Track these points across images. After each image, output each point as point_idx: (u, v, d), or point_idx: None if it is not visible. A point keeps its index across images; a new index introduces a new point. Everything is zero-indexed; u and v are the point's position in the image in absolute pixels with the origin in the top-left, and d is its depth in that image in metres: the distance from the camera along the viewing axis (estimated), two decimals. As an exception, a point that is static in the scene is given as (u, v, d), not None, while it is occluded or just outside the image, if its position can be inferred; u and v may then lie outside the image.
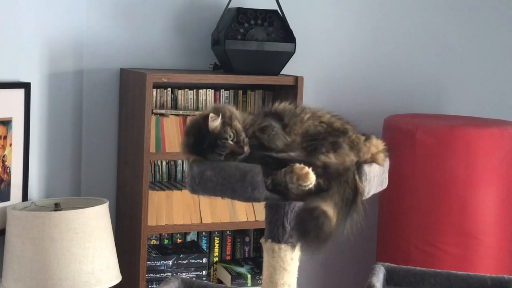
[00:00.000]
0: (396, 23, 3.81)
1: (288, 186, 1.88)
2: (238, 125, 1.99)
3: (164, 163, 3.34)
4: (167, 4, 3.38)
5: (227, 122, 1.98)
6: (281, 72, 3.29)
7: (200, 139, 1.98)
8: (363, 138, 2.04)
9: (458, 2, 3.92)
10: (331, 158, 1.92)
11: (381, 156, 2.04)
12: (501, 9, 4.01)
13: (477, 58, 3.99)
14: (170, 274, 3.19)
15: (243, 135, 1.98)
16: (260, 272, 3.26)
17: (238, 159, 1.96)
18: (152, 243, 3.30)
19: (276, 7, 3.27)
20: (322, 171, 1.90)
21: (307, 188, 1.86)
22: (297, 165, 1.87)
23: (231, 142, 1.96)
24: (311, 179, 1.86)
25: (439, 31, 3.90)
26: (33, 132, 2.98)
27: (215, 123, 1.97)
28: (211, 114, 1.97)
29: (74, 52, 3.22)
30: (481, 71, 4.01)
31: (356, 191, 1.91)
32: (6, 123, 2.84)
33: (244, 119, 2.05)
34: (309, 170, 1.86)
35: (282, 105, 2.12)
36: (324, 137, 1.99)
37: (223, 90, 3.37)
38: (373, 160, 2.01)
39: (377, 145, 2.06)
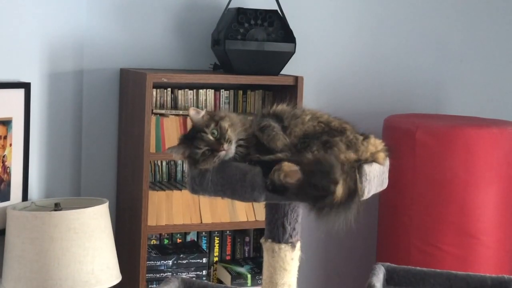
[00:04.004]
0: (396, 23, 3.81)
1: (276, 183, 1.88)
2: (226, 126, 1.97)
3: (164, 163, 3.34)
4: (167, 4, 3.38)
5: (214, 119, 1.98)
6: (281, 72, 3.29)
7: (187, 137, 1.99)
8: (361, 137, 2.04)
9: (458, 2, 3.92)
10: None
11: (381, 155, 2.04)
12: (501, 9, 4.02)
13: (477, 58, 3.99)
14: (170, 274, 3.19)
15: (229, 135, 1.96)
16: (260, 272, 3.26)
17: (219, 158, 1.93)
18: (152, 243, 3.30)
19: (276, 7, 3.27)
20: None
21: (288, 184, 1.86)
22: (286, 162, 1.87)
23: (210, 137, 1.93)
24: (297, 176, 1.85)
25: (439, 31, 3.90)
26: (33, 132, 2.98)
27: (197, 115, 1.97)
28: (191, 108, 1.97)
29: (74, 52, 3.22)
30: (481, 71, 4.01)
31: (356, 186, 1.91)
32: (6, 123, 2.84)
33: (246, 128, 2.04)
34: (297, 168, 1.86)
35: (280, 107, 2.12)
36: (319, 136, 1.98)
37: (223, 90, 3.37)
38: (373, 159, 2.01)
39: (375, 144, 2.05)
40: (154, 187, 3.20)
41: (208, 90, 3.33)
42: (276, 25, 3.23)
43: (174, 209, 3.14)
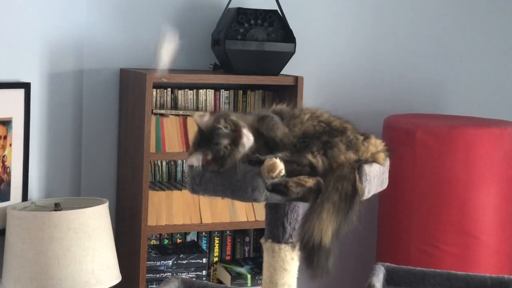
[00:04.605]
0: (396, 23, 3.81)
1: (266, 181, 1.88)
2: (235, 118, 1.97)
3: (164, 163, 3.34)
4: (167, 4, 3.38)
5: (221, 116, 1.96)
6: (281, 72, 3.29)
7: (201, 142, 1.97)
8: (361, 137, 2.04)
9: (458, 2, 3.92)
10: (318, 160, 1.92)
11: (381, 155, 2.04)
12: (501, 9, 4.02)
13: (477, 58, 3.99)
14: (170, 274, 3.19)
15: (242, 124, 1.96)
16: (260, 272, 3.26)
17: (244, 147, 1.93)
18: (152, 243, 3.30)
19: (276, 7, 3.27)
20: (310, 170, 1.90)
21: (277, 179, 1.86)
22: (267, 159, 1.88)
23: (225, 131, 1.92)
24: (278, 168, 1.86)
25: (439, 31, 3.90)
26: (33, 132, 2.98)
27: (204, 118, 1.95)
28: (195, 114, 1.96)
29: (74, 52, 3.22)
30: (481, 71, 4.01)
31: (354, 189, 1.91)
32: (6, 123, 2.84)
33: (248, 124, 2.04)
34: (276, 160, 1.86)
35: (279, 107, 2.12)
36: (319, 136, 1.98)
37: (223, 90, 3.37)
38: (373, 160, 2.01)
39: (376, 144, 2.05)
40: (154, 187, 3.20)
41: (208, 90, 3.33)
42: (276, 25, 3.23)
43: (174, 209, 3.14)
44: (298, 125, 2.03)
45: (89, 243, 2.72)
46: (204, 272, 3.28)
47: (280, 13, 3.26)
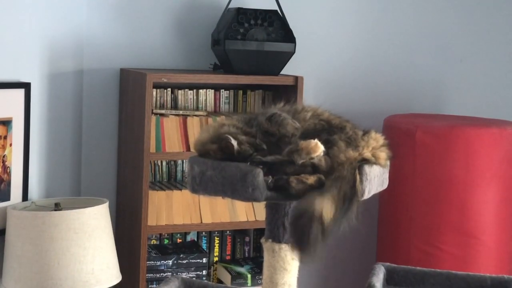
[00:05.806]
0: (396, 23, 3.81)
1: (297, 162, 1.88)
2: (244, 138, 1.99)
3: (164, 163, 3.34)
4: (167, 4, 3.38)
5: (240, 141, 1.99)
6: (281, 72, 3.29)
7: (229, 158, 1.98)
8: (360, 133, 2.03)
9: (458, 2, 3.93)
10: (321, 160, 1.92)
11: (382, 155, 2.02)
12: (501, 9, 4.02)
13: (477, 58, 3.99)
14: (170, 274, 3.19)
15: (252, 140, 1.98)
16: (260, 272, 3.26)
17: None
18: (152, 243, 3.30)
19: (276, 7, 3.27)
20: (312, 170, 1.91)
21: (316, 159, 1.88)
22: (302, 141, 1.89)
23: (254, 153, 1.96)
24: (320, 149, 1.88)
25: (439, 31, 3.90)
26: (33, 132, 2.98)
27: (235, 145, 1.97)
28: (232, 141, 1.96)
29: (74, 52, 3.22)
30: (481, 71, 4.01)
31: (353, 190, 1.91)
32: (6, 123, 2.84)
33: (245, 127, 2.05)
34: (316, 141, 1.87)
35: (278, 106, 2.13)
36: (319, 134, 1.98)
37: (223, 90, 3.37)
38: (375, 157, 2.00)
39: (376, 138, 2.05)
40: (154, 187, 3.20)
41: (208, 90, 3.33)
42: (276, 25, 3.23)
43: (174, 209, 3.14)
44: (301, 121, 2.04)
45: (89, 243, 2.72)
46: (204, 272, 3.28)
47: (280, 13, 3.26)
